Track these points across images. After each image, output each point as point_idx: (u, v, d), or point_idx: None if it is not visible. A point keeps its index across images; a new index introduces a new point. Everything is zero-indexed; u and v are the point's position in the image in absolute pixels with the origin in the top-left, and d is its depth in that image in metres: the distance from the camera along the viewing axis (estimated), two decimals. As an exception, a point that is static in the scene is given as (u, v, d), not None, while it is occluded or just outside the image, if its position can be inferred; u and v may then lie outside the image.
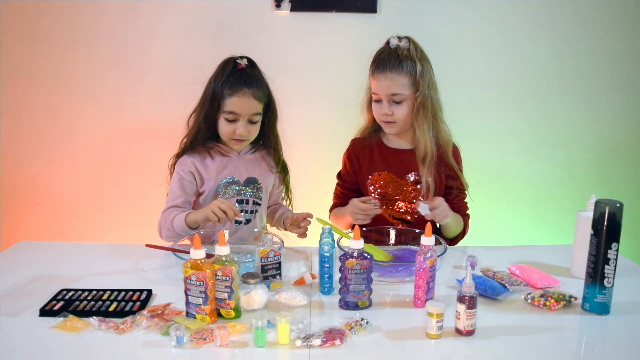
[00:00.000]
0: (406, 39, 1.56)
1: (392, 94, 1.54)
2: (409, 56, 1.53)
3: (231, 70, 1.52)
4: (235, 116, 1.52)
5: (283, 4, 2.01)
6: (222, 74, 1.52)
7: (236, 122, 1.53)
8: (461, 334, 1.06)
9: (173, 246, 1.41)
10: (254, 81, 1.52)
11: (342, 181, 1.73)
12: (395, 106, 1.55)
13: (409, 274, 1.28)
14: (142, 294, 1.21)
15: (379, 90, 1.55)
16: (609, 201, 1.13)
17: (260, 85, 1.54)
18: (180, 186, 1.57)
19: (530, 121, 2.17)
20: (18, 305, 1.16)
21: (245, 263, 1.33)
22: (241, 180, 1.62)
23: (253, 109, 1.53)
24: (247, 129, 1.54)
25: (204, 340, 1.02)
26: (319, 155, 2.12)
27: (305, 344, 1.01)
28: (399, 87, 1.53)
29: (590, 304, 1.16)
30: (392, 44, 1.56)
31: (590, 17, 2.08)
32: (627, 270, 1.39)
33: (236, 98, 1.50)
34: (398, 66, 1.52)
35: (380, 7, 2.03)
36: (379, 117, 1.59)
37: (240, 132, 1.53)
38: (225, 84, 1.51)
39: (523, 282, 1.30)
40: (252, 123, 1.55)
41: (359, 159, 1.68)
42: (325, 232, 1.25)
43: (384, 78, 1.53)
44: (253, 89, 1.51)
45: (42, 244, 1.61)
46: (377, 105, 1.59)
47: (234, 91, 1.50)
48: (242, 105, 1.51)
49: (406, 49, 1.54)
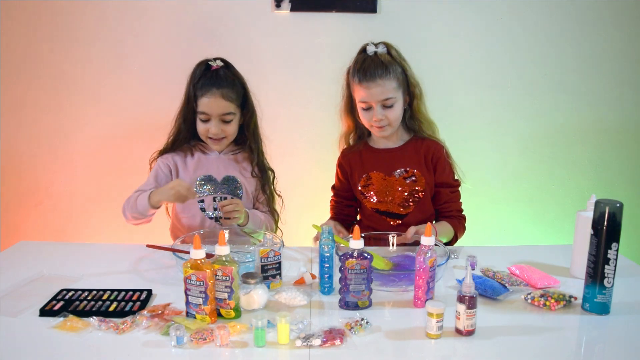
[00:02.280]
0: (382, 44, 1.59)
1: (384, 99, 1.56)
2: (392, 60, 1.58)
3: (202, 71, 1.59)
4: (207, 116, 1.58)
5: (283, 4, 2.01)
6: (194, 76, 1.60)
7: (209, 122, 1.59)
8: (461, 334, 1.06)
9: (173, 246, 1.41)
10: (224, 82, 1.57)
11: (337, 191, 1.77)
12: (387, 110, 1.58)
13: (410, 283, 1.26)
14: (142, 294, 1.21)
15: (369, 98, 1.57)
16: (609, 201, 1.13)
17: (232, 86, 1.59)
18: (155, 176, 1.65)
19: (531, 121, 2.17)
20: (18, 305, 1.16)
21: (245, 263, 1.34)
22: (218, 178, 1.66)
23: (223, 109, 1.58)
24: (219, 128, 1.59)
25: (204, 340, 1.02)
26: (318, 156, 2.11)
27: (305, 344, 1.01)
28: (390, 91, 1.56)
29: (590, 304, 1.16)
30: (370, 51, 1.58)
31: (590, 17, 2.08)
32: (627, 270, 1.39)
33: (206, 98, 1.57)
34: (386, 72, 1.55)
35: (380, 7, 2.03)
36: (370, 123, 1.62)
37: (213, 131, 1.59)
38: (196, 85, 1.58)
39: (523, 282, 1.30)
40: (226, 122, 1.60)
41: (350, 164, 1.71)
42: (325, 232, 1.25)
43: (374, 85, 1.55)
44: (223, 90, 1.56)
45: (42, 244, 1.62)
46: (367, 112, 1.61)
47: (204, 92, 1.57)
48: (212, 105, 1.57)
49: (385, 53, 1.58)
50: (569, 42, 2.10)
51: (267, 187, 1.71)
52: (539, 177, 2.23)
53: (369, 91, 1.56)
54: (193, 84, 1.59)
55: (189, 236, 1.48)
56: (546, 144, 2.19)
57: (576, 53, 2.11)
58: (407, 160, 1.66)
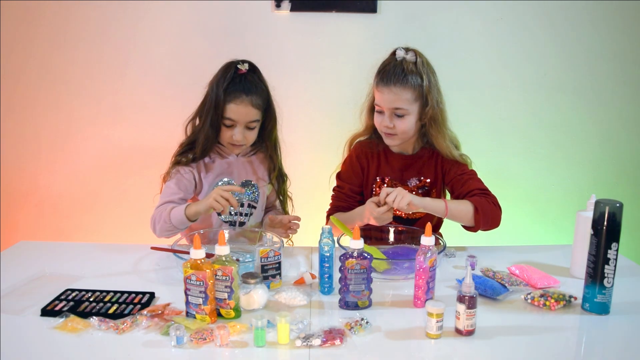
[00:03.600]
0: (412, 52, 1.52)
1: (394, 108, 1.51)
2: (415, 70, 1.50)
3: (232, 76, 1.51)
4: (233, 122, 1.52)
5: (283, 4, 2.01)
6: (223, 80, 1.51)
7: (233, 128, 1.54)
8: (461, 334, 1.06)
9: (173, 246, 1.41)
10: (253, 88, 1.52)
11: (344, 182, 1.67)
12: (397, 119, 1.52)
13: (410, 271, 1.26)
14: (144, 296, 1.20)
15: (381, 102, 1.53)
16: (609, 201, 1.13)
17: (260, 92, 1.54)
18: (178, 183, 1.56)
19: (530, 121, 2.17)
20: (20, 303, 1.16)
21: (245, 263, 1.34)
22: (237, 182, 1.62)
23: (250, 117, 1.53)
24: (243, 134, 1.54)
25: (203, 340, 1.02)
26: (318, 156, 2.11)
27: (305, 344, 1.01)
28: (402, 101, 1.50)
29: (590, 304, 1.16)
30: (399, 56, 1.52)
31: (590, 17, 2.08)
32: (627, 270, 1.40)
33: (234, 105, 1.50)
34: (403, 80, 1.48)
35: (380, 7, 2.03)
36: (380, 127, 1.57)
37: (237, 139, 1.54)
38: (225, 90, 1.50)
39: (523, 282, 1.30)
40: (250, 129, 1.56)
41: (368, 161, 1.65)
42: (325, 232, 1.25)
43: (387, 92, 1.50)
44: (252, 97, 1.51)
45: (42, 244, 1.62)
46: (379, 115, 1.56)
47: (232, 98, 1.50)
48: (240, 112, 1.51)
49: (412, 62, 1.51)
50: (569, 42, 2.10)
51: (282, 191, 1.70)
52: (539, 177, 2.23)
53: (382, 96, 1.51)
54: (223, 88, 1.50)
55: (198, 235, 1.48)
56: (546, 144, 2.19)
57: (576, 53, 2.11)
58: (421, 169, 1.61)
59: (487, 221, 1.47)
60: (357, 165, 1.65)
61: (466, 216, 1.47)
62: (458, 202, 1.50)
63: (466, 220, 1.48)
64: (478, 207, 1.45)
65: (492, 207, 1.49)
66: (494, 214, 1.48)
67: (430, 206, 1.45)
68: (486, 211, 1.46)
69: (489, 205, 1.48)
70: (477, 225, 1.47)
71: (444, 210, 1.44)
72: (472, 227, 1.50)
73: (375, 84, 1.54)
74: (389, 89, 1.49)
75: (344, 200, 1.66)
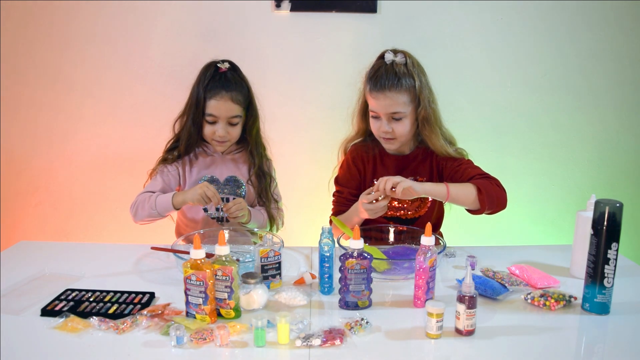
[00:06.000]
0: (402, 54, 1.51)
1: (392, 113, 1.50)
2: (407, 72, 1.49)
3: (212, 74, 1.58)
4: (215, 118, 1.59)
5: (283, 4, 2.01)
6: (203, 78, 1.59)
7: (216, 124, 1.59)
8: (461, 334, 1.06)
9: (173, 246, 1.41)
10: (233, 85, 1.58)
11: (343, 186, 1.66)
12: (395, 123, 1.52)
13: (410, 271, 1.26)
14: (144, 296, 1.20)
15: (377, 109, 1.51)
16: (609, 201, 1.13)
17: (240, 89, 1.59)
18: (162, 177, 1.64)
19: (531, 121, 2.17)
20: (19, 304, 1.16)
21: (245, 263, 1.34)
22: (221, 179, 1.67)
23: (231, 112, 1.58)
24: (226, 130, 1.60)
25: (204, 340, 1.02)
26: (318, 156, 2.11)
27: (305, 344, 1.01)
28: (399, 105, 1.49)
29: (590, 304, 1.16)
30: (388, 60, 1.50)
31: (591, 17, 2.08)
32: (627, 270, 1.39)
33: (215, 101, 1.56)
34: (397, 84, 1.47)
35: (380, 7, 2.03)
36: (378, 133, 1.56)
37: (220, 134, 1.59)
38: (205, 87, 1.57)
39: (523, 282, 1.30)
40: (232, 125, 1.61)
41: (364, 164, 1.64)
42: (325, 232, 1.25)
43: (383, 97, 1.48)
44: (231, 93, 1.57)
45: (42, 243, 1.62)
46: (375, 121, 1.55)
47: (213, 94, 1.56)
48: (220, 108, 1.57)
49: (402, 64, 1.50)
50: (569, 41, 2.10)
51: (264, 192, 1.69)
52: (539, 177, 2.23)
53: (378, 102, 1.50)
54: (203, 86, 1.57)
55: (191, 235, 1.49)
56: (546, 144, 2.19)
57: (576, 53, 2.11)
58: (416, 169, 1.61)
59: (492, 201, 1.43)
60: (354, 168, 1.65)
61: (469, 198, 1.43)
62: (460, 185, 1.47)
63: (470, 202, 1.44)
64: (481, 188, 1.42)
65: (496, 188, 1.46)
66: (498, 194, 1.45)
67: (431, 190, 1.42)
68: (490, 192, 1.43)
69: (492, 187, 1.45)
70: (483, 206, 1.43)
71: (446, 194, 1.42)
72: (477, 210, 1.46)
73: (369, 90, 1.52)
74: (383, 94, 1.48)
75: (344, 205, 1.64)
